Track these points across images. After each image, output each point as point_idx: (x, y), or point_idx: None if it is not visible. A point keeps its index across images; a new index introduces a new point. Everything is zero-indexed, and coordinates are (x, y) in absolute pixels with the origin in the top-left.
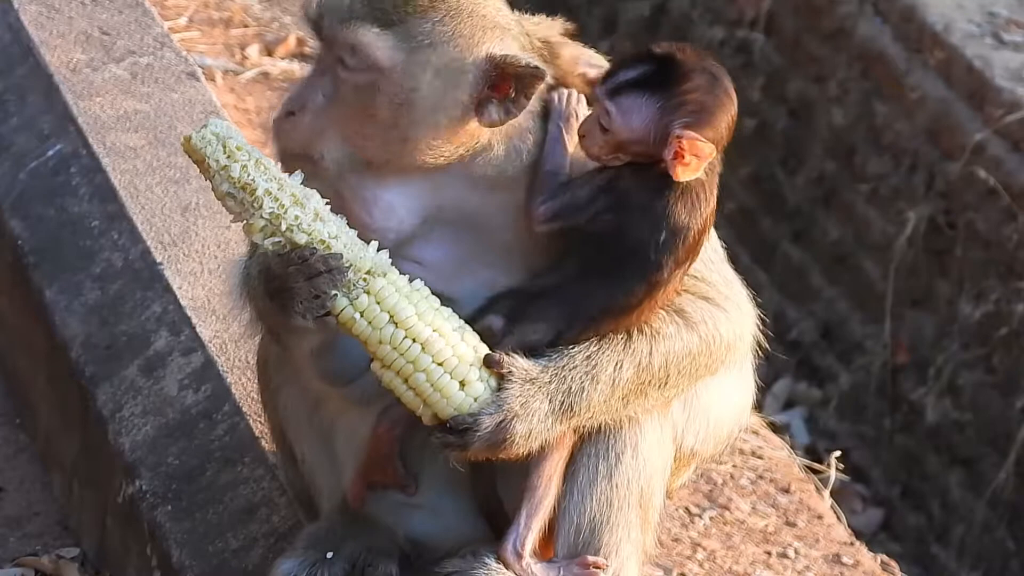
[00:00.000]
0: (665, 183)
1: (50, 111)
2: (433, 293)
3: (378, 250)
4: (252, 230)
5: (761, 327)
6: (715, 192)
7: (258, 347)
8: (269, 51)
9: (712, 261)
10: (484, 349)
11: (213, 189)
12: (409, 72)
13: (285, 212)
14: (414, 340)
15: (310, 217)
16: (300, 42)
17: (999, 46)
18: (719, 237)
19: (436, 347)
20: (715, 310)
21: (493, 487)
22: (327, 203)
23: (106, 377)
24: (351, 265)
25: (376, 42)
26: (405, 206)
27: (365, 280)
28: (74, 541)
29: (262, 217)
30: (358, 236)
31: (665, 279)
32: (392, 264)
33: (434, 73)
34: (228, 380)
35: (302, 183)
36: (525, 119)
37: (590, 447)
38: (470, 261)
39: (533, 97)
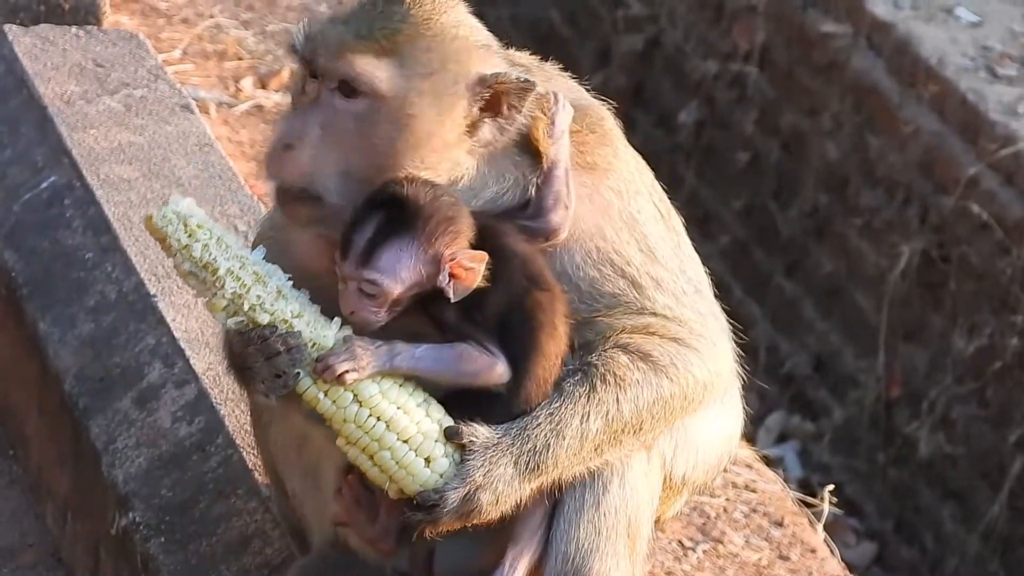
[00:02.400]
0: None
1: (44, 143)
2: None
3: (342, 324)
4: (215, 308)
5: (752, 360)
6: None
7: None
8: (263, 84)
9: (685, 293)
10: (449, 422)
11: (175, 267)
12: (408, 99)
13: (247, 291)
14: (379, 418)
15: (272, 296)
16: (294, 75)
17: (993, 80)
18: (710, 269)
19: (401, 425)
20: (685, 351)
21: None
22: (289, 279)
23: (99, 409)
24: (314, 344)
25: (375, 71)
26: None
27: None
28: (67, 573)
29: (224, 297)
30: (321, 313)
31: (535, 327)
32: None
33: (432, 97)
34: (222, 412)
35: (264, 258)
36: (508, 149)
37: (577, 476)
38: None
39: (524, 112)
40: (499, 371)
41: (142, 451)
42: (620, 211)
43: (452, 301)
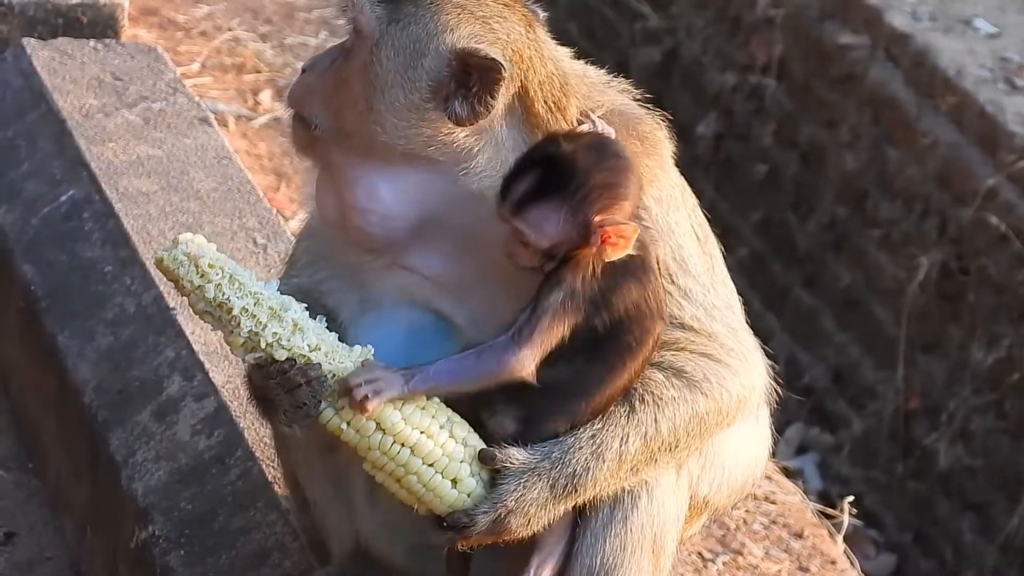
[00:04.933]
0: (601, 269)
1: (62, 156)
2: (431, 310)
3: (363, 347)
4: (233, 346)
5: (772, 373)
6: (652, 263)
7: None
8: (281, 96)
9: (715, 307)
10: (475, 440)
11: (191, 305)
12: (379, 43)
13: (263, 329)
14: (403, 444)
15: (288, 331)
16: None
17: (1011, 91)
18: (732, 282)
19: (425, 449)
20: (717, 366)
21: None
22: (306, 308)
23: (118, 422)
24: (334, 375)
25: (365, 8)
26: (390, 192)
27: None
28: None
29: (241, 335)
30: (339, 340)
31: (636, 349)
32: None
33: (395, 49)
34: (241, 425)
35: (278, 290)
36: (512, 135)
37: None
38: (471, 281)
39: (499, 97)
40: (515, 367)
41: (161, 464)
42: (657, 217)
43: (607, 261)
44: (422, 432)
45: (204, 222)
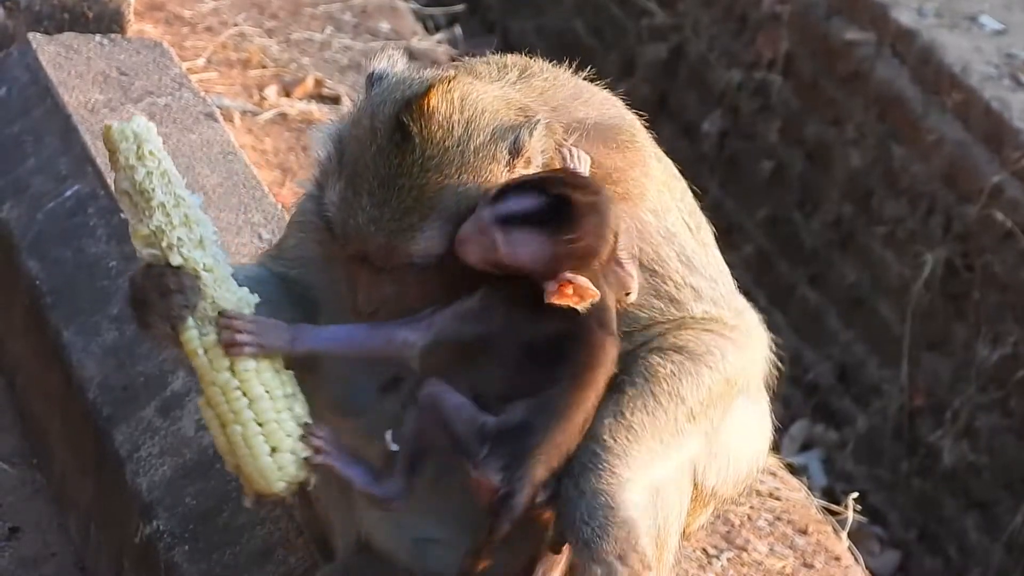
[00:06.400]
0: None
1: (68, 152)
2: None
3: (251, 293)
4: (136, 235)
5: (778, 365)
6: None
7: None
8: (287, 92)
9: (723, 297)
10: (307, 421)
11: (115, 182)
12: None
13: (171, 229)
14: (244, 394)
15: (193, 242)
16: (318, 83)
17: (1017, 88)
18: (734, 279)
19: (262, 407)
20: (720, 339)
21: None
22: (215, 235)
23: (123, 418)
24: (212, 300)
25: (425, 244)
26: None
27: None
28: None
29: (148, 227)
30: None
31: (589, 366)
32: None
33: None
34: None
35: (200, 207)
36: None
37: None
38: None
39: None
40: (401, 346)
41: (166, 460)
42: (657, 229)
43: (544, 301)
44: (267, 391)
45: (209, 217)
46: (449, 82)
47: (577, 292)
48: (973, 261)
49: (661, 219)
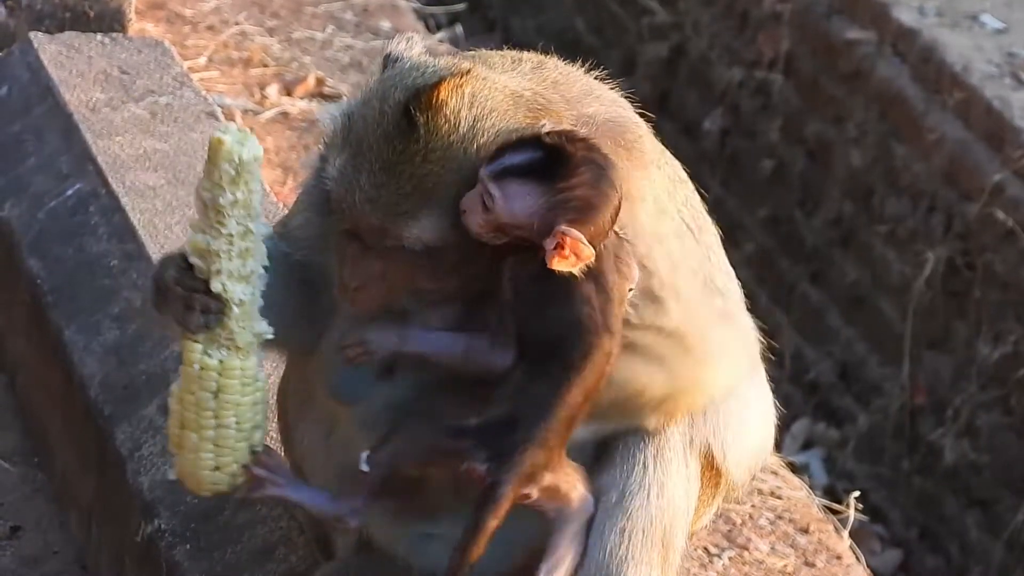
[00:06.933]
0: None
1: (69, 151)
2: None
3: (267, 329)
4: (194, 241)
5: (778, 368)
6: (611, 261)
7: (280, 381)
8: (288, 91)
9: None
10: (257, 450)
11: (198, 186)
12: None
13: (227, 260)
14: (215, 418)
15: (241, 276)
16: (319, 82)
17: (1018, 87)
18: (737, 277)
19: (225, 433)
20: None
21: None
22: (264, 268)
23: (124, 416)
24: (228, 331)
25: (418, 233)
26: None
27: (229, 350)
28: None
29: (208, 245)
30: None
31: (582, 365)
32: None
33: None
34: None
35: (263, 238)
36: None
37: (615, 482)
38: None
39: None
40: (498, 365)
41: (167, 458)
42: (653, 231)
43: (546, 267)
44: (237, 423)
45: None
46: (462, 76)
47: (573, 250)
48: (974, 259)
49: (657, 222)
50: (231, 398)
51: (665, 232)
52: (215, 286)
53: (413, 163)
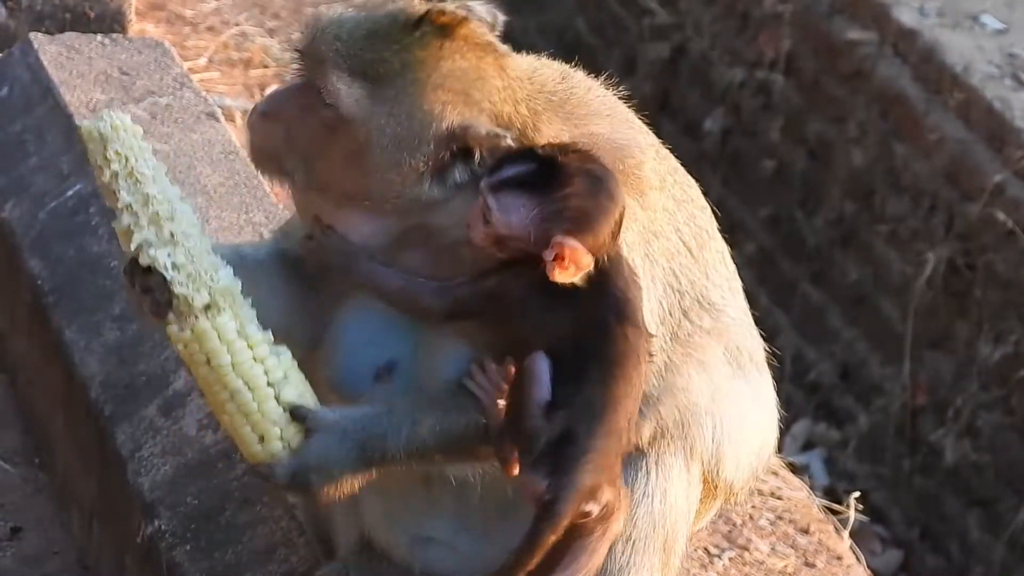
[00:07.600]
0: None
1: (69, 151)
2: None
3: (233, 278)
4: (117, 230)
5: (779, 368)
6: (621, 268)
7: None
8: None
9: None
10: (304, 401)
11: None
12: (370, 127)
13: (139, 231)
14: (224, 387)
15: (160, 241)
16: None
17: (1019, 87)
18: (740, 278)
19: (242, 399)
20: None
21: None
22: (195, 227)
23: (125, 417)
24: (184, 299)
25: (344, 91)
26: (368, 228)
27: (196, 317)
28: None
29: (119, 227)
30: (213, 260)
31: (622, 359)
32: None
33: (395, 136)
34: None
35: (178, 199)
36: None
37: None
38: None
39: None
40: (426, 307)
41: (168, 459)
42: (640, 254)
43: (550, 280)
44: (246, 383)
45: (211, 216)
46: (486, 43)
47: (572, 260)
48: (975, 260)
49: (648, 244)
50: (222, 361)
51: (655, 253)
52: (142, 260)
53: (390, 49)
